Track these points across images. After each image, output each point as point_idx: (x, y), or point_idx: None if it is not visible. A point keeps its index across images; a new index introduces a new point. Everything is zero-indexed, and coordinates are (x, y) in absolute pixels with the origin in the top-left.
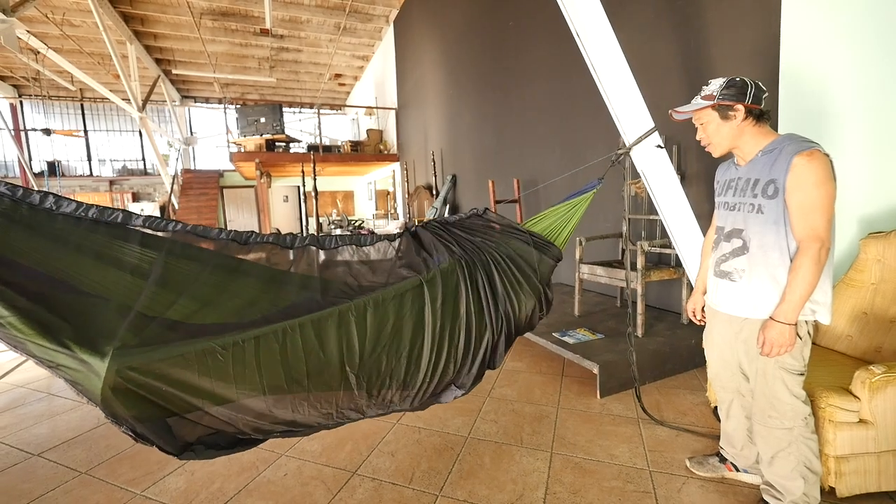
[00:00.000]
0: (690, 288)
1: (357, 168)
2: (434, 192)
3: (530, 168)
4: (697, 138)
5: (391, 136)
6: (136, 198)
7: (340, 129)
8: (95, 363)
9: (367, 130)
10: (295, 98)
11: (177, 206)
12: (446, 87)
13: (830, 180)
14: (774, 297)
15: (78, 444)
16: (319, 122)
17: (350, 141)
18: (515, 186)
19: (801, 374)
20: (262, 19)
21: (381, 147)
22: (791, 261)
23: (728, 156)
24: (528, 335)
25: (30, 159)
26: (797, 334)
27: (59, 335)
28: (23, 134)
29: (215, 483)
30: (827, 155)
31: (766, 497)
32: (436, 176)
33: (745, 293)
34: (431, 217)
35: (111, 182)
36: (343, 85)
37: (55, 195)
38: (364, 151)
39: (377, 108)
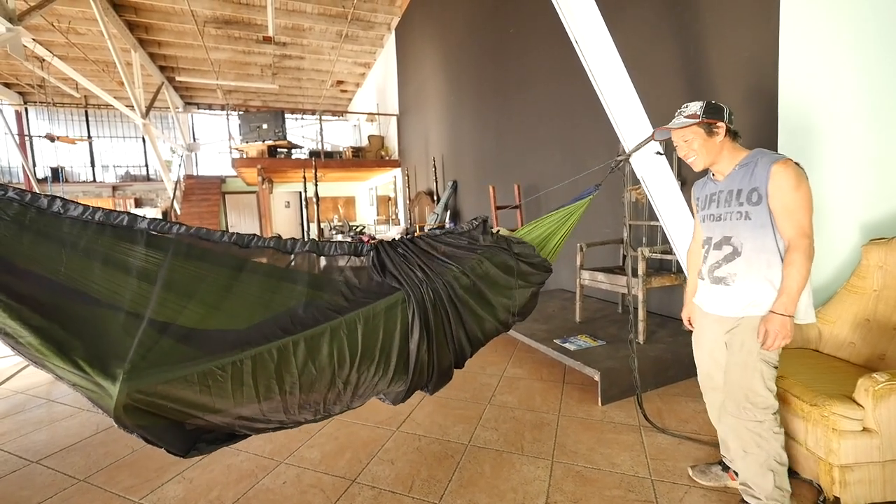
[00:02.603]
0: None
1: (358, 174)
2: (435, 198)
3: (531, 173)
4: (680, 154)
5: (392, 142)
6: (138, 203)
7: (342, 135)
8: (108, 386)
9: (369, 136)
10: (297, 104)
11: (179, 212)
12: (447, 93)
13: (806, 183)
14: (770, 293)
15: (77, 450)
16: (321, 129)
17: (352, 147)
18: (516, 192)
19: (776, 368)
20: (264, 27)
21: (383, 153)
22: (781, 259)
23: (702, 173)
24: (528, 342)
25: (34, 165)
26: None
27: (73, 356)
28: (27, 140)
29: (214, 491)
30: (797, 163)
31: (745, 497)
32: (437, 182)
33: (740, 294)
34: (432, 223)
35: (114, 188)
36: (345, 91)
37: (62, 199)
38: (365, 157)
39: (379, 114)
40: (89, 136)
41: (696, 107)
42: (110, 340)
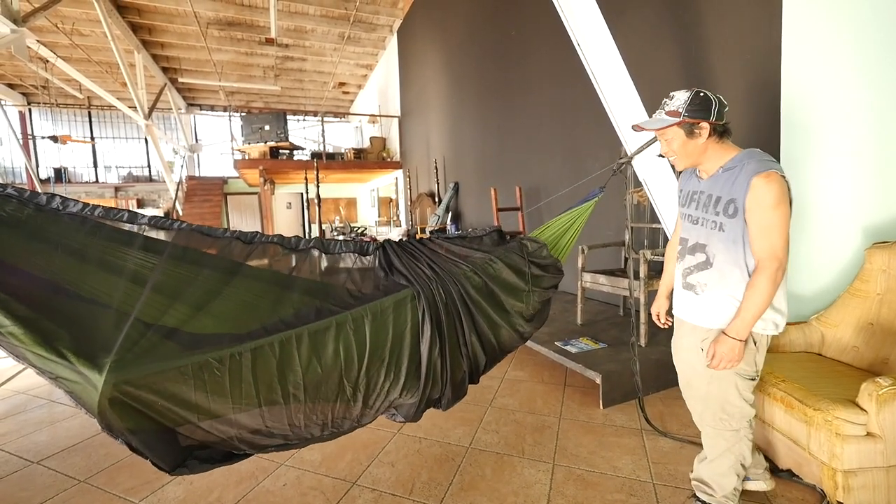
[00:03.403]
0: None
1: (360, 175)
2: (437, 200)
3: (533, 176)
4: (662, 151)
5: (394, 144)
6: (140, 204)
7: (344, 136)
8: (93, 376)
9: (371, 138)
10: (299, 106)
11: (181, 213)
12: (449, 95)
13: (786, 201)
14: (734, 309)
15: (77, 451)
16: (323, 130)
17: (353, 148)
18: (517, 194)
19: (753, 380)
20: (267, 29)
21: (384, 154)
22: (749, 277)
23: None
24: (530, 344)
25: (37, 166)
26: (754, 342)
27: (58, 345)
28: (30, 141)
29: (214, 493)
30: (783, 176)
31: (699, 494)
32: (438, 183)
33: (708, 306)
34: (433, 224)
35: (117, 188)
36: (347, 93)
37: (62, 196)
38: (367, 159)
39: (380, 116)
40: (92, 137)
41: (680, 100)
42: (100, 335)
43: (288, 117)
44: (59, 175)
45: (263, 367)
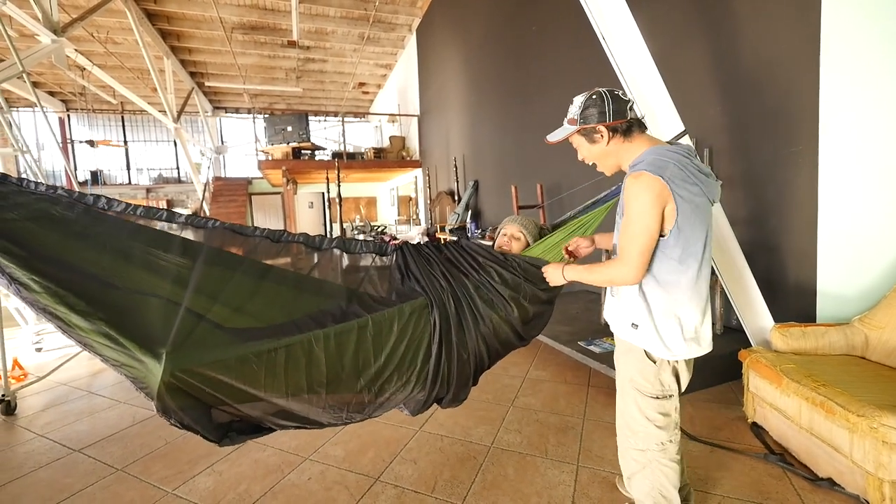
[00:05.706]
0: (724, 297)
1: (380, 174)
2: (456, 198)
3: (554, 173)
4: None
5: (413, 143)
6: (170, 205)
7: (364, 136)
8: (152, 364)
9: (390, 137)
10: (320, 107)
11: (208, 213)
12: (468, 93)
13: (648, 205)
14: (643, 312)
15: (115, 441)
16: (343, 130)
17: (373, 148)
18: (539, 192)
19: (657, 399)
20: (289, 32)
21: (404, 153)
22: (653, 275)
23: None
24: (552, 344)
25: (75, 169)
26: (653, 360)
27: (117, 336)
28: (69, 145)
29: (242, 484)
30: (661, 177)
31: None
32: (458, 181)
33: (622, 306)
34: (453, 222)
35: (148, 190)
36: (366, 93)
37: (107, 197)
38: (387, 158)
39: (400, 115)
40: (125, 141)
41: (576, 106)
42: (154, 325)
43: (309, 118)
44: (95, 177)
45: (293, 364)
